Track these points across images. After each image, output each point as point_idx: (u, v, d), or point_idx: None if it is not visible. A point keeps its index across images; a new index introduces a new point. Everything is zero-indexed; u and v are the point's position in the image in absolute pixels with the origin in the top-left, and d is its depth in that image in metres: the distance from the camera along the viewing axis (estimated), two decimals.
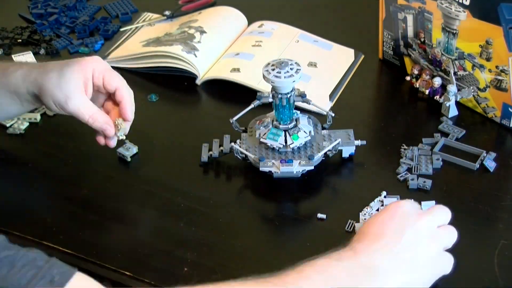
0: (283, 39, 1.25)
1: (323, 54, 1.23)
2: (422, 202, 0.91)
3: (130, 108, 0.94)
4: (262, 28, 1.28)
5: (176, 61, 1.18)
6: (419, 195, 0.93)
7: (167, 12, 1.34)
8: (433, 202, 0.91)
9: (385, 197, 0.93)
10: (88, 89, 0.92)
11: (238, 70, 1.16)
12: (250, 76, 1.14)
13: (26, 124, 1.09)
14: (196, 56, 1.18)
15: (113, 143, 0.96)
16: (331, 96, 1.13)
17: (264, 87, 1.06)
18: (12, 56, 1.26)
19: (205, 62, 1.19)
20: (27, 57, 1.25)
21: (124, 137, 0.95)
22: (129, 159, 1.01)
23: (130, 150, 1.02)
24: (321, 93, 1.13)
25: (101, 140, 0.95)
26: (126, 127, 0.94)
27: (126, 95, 0.93)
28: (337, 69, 1.19)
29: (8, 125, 1.09)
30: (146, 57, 1.20)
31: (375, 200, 0.92)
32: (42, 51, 1.28)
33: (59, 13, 1.38)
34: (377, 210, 0.91)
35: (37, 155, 1.05)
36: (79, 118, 0.92)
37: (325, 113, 1.00)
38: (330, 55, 1.23)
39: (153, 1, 1.41)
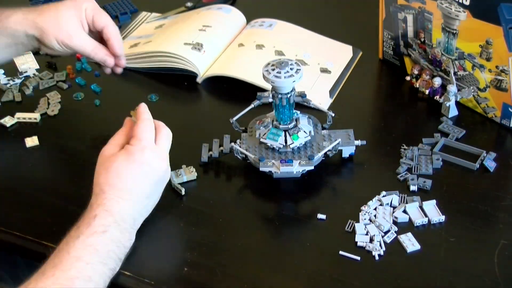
0: (283, 35, 1.26)
1: (322, 48, 1.24)
2: (423, 202, 0.91)
3: (118, 44, 1.03)
4: (262, 25, 1.28)
5: (176, 60, 1.17)
6: (419, 195, 0.93)
7: (188, 4, 1.35)
8: (434, 201, 0.91)
9: (384, 196, 0.93)
10: (84, 26, 1.00)
11: (239, 67, 1.16)
12: (252, 72, 1.14)
13: (14, 120, 1.10)
14: (197, 53, 1.18)
15: (119, 70, 1.08)
16: (331, 92, 1.13)
17: (266, 84, 1.06)
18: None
19: (205, 60, 1.19)
20: (27, 57, 1.25)
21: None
22: None
23: None
24: (321, 89, 1.13)
25: (107, 70, 1.07)
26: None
27: (113, 32, 1.01)
28: (335, 65, 1.20)
29: (8, 125, 1.10)
30: (147, 57, 1.20)
31: (373, 199, 0.92)
32: (42, 51, 1.28)
33: None
34: (375, 209, 0.91)
35: (37, 155, 1.05)
36: (83, 52, 1.01)
37: (325, 111, 1.00)
38: (329, 50, 1.24)
39: (153, 1, 1.41)
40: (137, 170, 0.85)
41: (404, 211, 0.90)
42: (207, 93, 1.17)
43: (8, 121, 1.10)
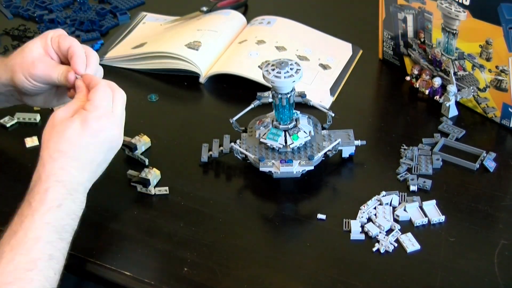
0: (283, 31, 1.26)
1: (322, 45, 1.24)
2: (423, 202, 0.91)
3: (82, 60, 0.92)
4: (262, 22, 1.29)
5: (178, 61, 1.17)
6: (419, 195, 0.93)
7: (204, 8, 1.34)
8: (434, 201, 0.91)
9: (384, 196, 0.93)
10: (51, 54, 0.93)
11: (241, 64, 1.16)
12: (254, 69, 1.14)
13: (14, 120, 1.11)
14: (196, 52, 1.18)
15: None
16: (332, 91, 1.13)
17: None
18: None
19: (207, 60, 1.19)
20: None
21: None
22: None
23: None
24: (322, 87, 1.13)
25: (72, 94, 0.95)
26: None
27: (77, 49, 0.93)
28: (336, 61, 1.20)
29: (8, 125, 1.10)
30: (147, 57, 1.20)
31: (373, 199, 0.92)
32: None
33: (55, 10, 1.40)
34: (374, 208, 0.91)
35: (37, 155, 1.05)
36: (49, 79, 0.92)
37: (325, 111, 1.00)
38: (329, 46, 1.24)
39: (169, 4, 1.42)
40: (92, 138, 0.82)
41: (405, 210, 0.90)
42: (207, 93, 1.17)
43: (8, 121, 1.10)
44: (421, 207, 0.91)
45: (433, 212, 0.90)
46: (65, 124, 0.82)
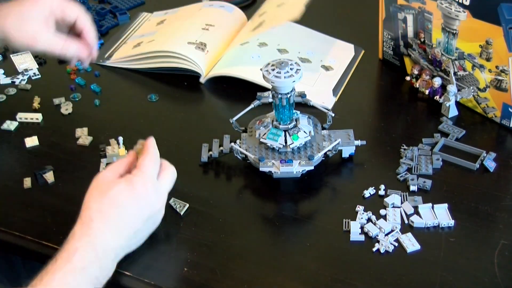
0: (285, 33, 1.26)
1: (324, 46, 1.24)
2: (434, 205, 0.91)
3: (92, 33, 0.94)
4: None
5: (180, 60, 1.17)
6: (419, 195, 0.93)
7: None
8: (446, 205, 0.91)
9: (387, 197, 0.93)
10: (50, 24, 0.92)
11: (242, 66, 1.16)
12: (256, 71, 1.13)
13: (15, 124, 1.10)
14: (201, 53, 1.18)
15: (86, 64, 1.01)
16: (334, 91, 1.13)
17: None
18: (11, 56, 1.26)
19: (209, 60, 1.19)
20: (25, 56, 1.25)
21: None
22: None
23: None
24: (324, 88, 1.14)
25: (73, 62, 0.98)
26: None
27: (86, 22, 0.93)
28: (338, 63, 1.20)
29: (12, 129, 1.10)
30: (149, 57, 1.20)
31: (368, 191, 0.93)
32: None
33: None
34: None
35: (37, 155, 1.05)
36: (51, 52, 0.92)
37: (325, 111, 1.00)
38: (331, 48, 1.24)
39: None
40: (134, 201, 0.81)
41: (419, 216, 0.90)
42: (207, 93, 1.17)
43: (10, 125, 1.09)
44: (432, 209, 0.91)
45: (443, 216, 0.89)
46: (110, 185, 0.82)
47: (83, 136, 1.06)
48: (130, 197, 0.81)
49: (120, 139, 1.01)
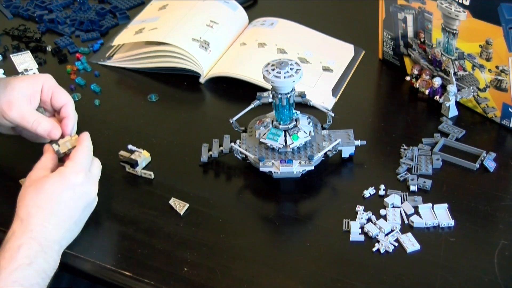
0: (284, 33, 1.26)
1: (324, 47, 1.24)
2: (435, 205, 0.91)
3: (72, 124, 0.94)
4: (264, 23, 1.28)
5: (181, 60, 1.17)
6: (419, 195, 0.93)
7: None
8: (446, 205, 0.91)
9: (387, 197, 0.93)
10: (34, 101, 0.92)
11: (242, 66, 1.16)
12: (255, 72, 1.14)
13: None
14: (204, 53, 1.17)
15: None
16: (334, 92, 1.13)
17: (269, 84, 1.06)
18: (11, 56, 1.26)
19: (210, 60, 1.19)
20: (25, 56, 1.25)
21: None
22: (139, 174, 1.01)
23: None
24: (324, 88, 1.13)
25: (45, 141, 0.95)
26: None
27: (71, 112, 0.94)
28: (337, 63, 1.20)
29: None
30: (149, 57, 1.20)
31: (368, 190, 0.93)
32: (48, 48, 1.29)
33: (56, 10, 1.40)
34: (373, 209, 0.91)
35: (37, 155, 1.05)
36: (22, 124, 0.91)
37: (325, 111, 1.00)
38: (330, 48, 1.24)
39: None
40: (70, 192, 0.83)
41: (419, 216, 0.90)
42: (207, 93, 1.17)
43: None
44: (432, 209, 0.91)
45: (443, 216, 0.89)
46: (43, 180, 0.83)
47: None
48: (66, 189, 0.83)
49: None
